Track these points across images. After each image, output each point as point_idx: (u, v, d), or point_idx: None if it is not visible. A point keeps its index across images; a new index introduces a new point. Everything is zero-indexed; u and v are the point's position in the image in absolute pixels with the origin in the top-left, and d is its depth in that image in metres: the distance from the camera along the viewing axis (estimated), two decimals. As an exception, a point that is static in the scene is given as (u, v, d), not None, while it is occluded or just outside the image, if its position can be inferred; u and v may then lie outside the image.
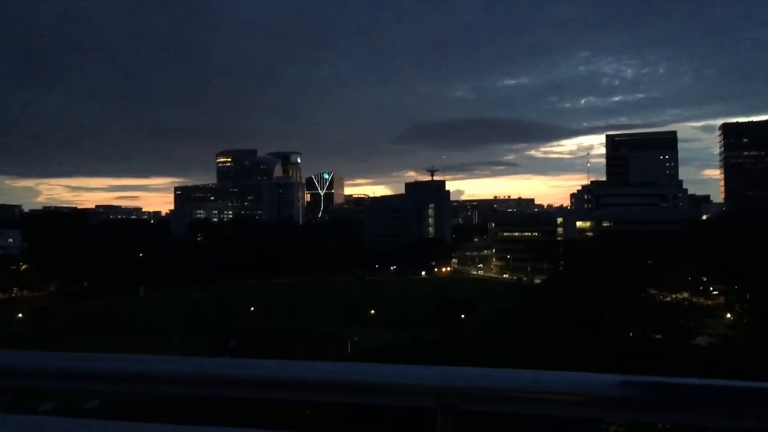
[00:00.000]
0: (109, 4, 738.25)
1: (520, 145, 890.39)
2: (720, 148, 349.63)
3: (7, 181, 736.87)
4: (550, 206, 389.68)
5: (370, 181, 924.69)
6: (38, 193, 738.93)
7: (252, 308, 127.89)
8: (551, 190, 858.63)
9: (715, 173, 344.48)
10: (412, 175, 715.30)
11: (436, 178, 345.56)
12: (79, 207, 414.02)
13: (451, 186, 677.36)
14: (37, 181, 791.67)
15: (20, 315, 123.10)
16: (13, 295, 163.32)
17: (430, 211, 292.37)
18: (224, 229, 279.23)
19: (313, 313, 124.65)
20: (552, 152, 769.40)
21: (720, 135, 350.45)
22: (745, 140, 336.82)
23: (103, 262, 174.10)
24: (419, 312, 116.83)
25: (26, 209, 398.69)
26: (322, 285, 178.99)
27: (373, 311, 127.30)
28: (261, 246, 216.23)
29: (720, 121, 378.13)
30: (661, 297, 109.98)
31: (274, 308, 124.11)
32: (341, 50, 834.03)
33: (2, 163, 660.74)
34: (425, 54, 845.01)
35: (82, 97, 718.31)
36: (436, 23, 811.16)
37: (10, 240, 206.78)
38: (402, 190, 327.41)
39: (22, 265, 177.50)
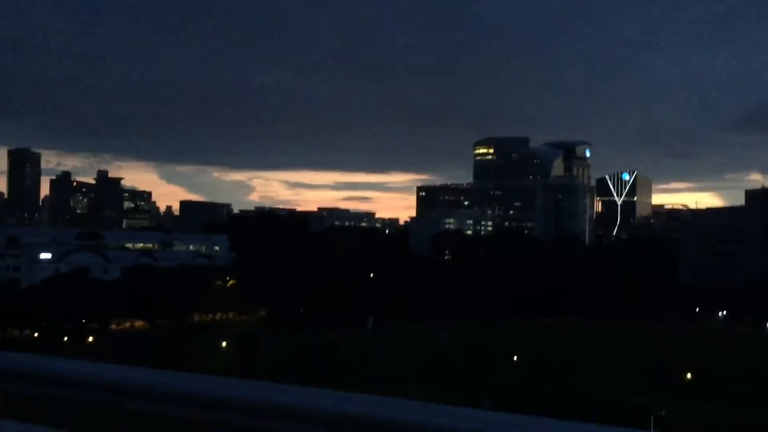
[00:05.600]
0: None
1: None
2: None
3: (216, 174, 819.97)
4: None
5: (690, 185, 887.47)
6: (251, 189, 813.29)
7: (515, 358, 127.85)
8: None
9: None
10: (757, 179, 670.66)
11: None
12: (298, 208, 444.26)
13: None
14: (250, 174, 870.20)
15: (224, 344, 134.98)
16: (217, 318, 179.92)
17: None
18: (480, 246, 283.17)
19: (602, 372, 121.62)
20: None
21: None
22: None
23: (324, 283, 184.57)
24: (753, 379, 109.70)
25: (236, 209, 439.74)
26: (617, 332, 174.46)
27: (690, 375, 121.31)
28: (530, 273, 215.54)
29: None
30: None
31: (548, 360, 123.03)
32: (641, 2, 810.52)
33: (212, 152, 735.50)
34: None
35: (307, 71, 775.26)
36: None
37: (216, 248, 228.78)
38: (739, 200, 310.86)
39: (228, 281, 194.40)
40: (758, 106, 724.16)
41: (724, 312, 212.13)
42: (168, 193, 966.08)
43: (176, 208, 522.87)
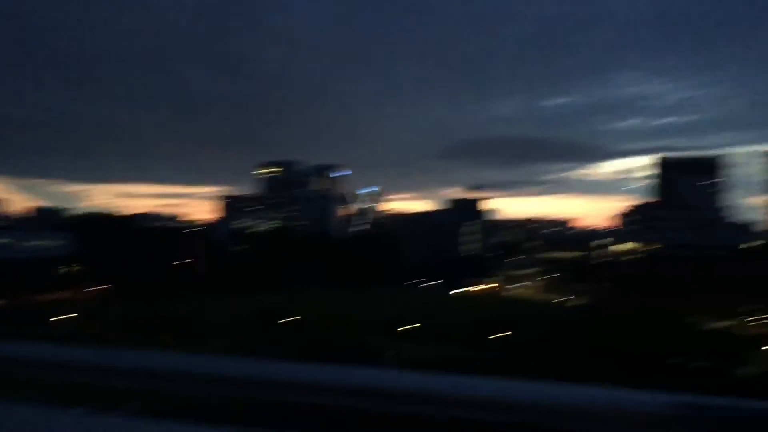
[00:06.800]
0: (163, 16, 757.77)
1: (565, 165, 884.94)
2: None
3: (56, 186, 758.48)
4: (592, 227, 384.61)
5: (413, 195, 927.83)
6: (86, 198, 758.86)
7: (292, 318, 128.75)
8: (593, 211, 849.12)
9: (763, 200, 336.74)
10: (455, 191, 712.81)
11: (478, 195, 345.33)
12: (125, 213, 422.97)
13: (494, 204, 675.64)
14: (85, 186, 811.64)
15: (70, 316, 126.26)
16: (58, 296, 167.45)
17: (472, 228, 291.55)
18: (264, 239, 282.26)
19: (351, 326, 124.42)
20: (595, 173, 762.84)
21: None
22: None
23: (145, 267, 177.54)
24: (459, 328, 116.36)
25: (75, 213, 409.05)
26: (359, 298, 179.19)
27: (414, 326, 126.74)
28: (299, 256, 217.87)
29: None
30: (707, 323, 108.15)
31: (312, 319, 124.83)
32: (389, 66, 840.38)
33: (53, 167, 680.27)
34: (473, 70, 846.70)
35: (132, 105, 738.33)
36: (486, 40, 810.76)
37: (59, 242, 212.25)
38: (445, 206, 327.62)
39: (68, 267, 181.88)
40: (457, 142, 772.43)
41: (435, 282, 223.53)
42: (19, 201, 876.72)
43: (27, 212, 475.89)
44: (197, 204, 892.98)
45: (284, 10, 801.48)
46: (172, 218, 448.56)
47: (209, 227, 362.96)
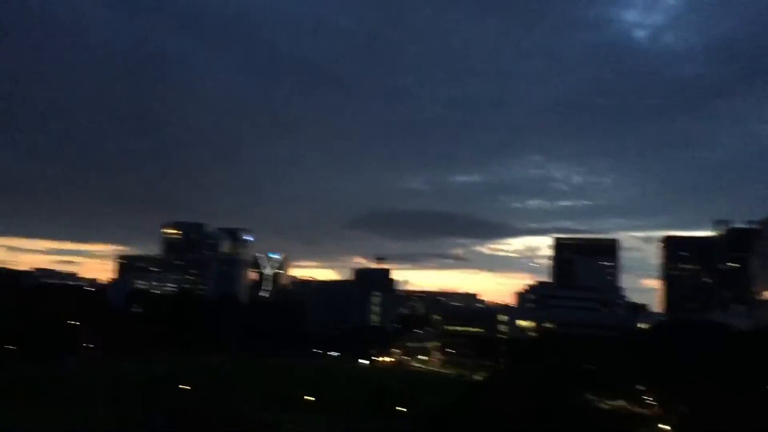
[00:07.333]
0: (70, 69, 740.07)
1: (468, 240, 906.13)
2: (660, 259, 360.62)
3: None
4: (494, 303, 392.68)
5: (318, 263, 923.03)
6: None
7: (184, 386, 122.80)
8: (497, 287, 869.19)
9: (655, 283, 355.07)
10: (361, 262, 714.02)
11: (383, 266, 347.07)
12: (14, 268, 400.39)
13: (398, 275, 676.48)
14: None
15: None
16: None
17: (376, 299, 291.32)
18: (164, 302, 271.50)
19: (249, 395, 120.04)
20: (499, 249, 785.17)
21: (661, 247, 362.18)
22: (685, 253, 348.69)
23: (33, 328, 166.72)
24: (358, 400, 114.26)
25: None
26: (260, 366, 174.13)
27: (310, 397, 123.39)
28: (200, 321, 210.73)
29: (661, 233, 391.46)
30: (599, 402, 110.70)
31: (207, 387, 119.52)
32: (300, 133, 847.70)
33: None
34: (384, 144, 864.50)
35: (26, 157, 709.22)
36: (398, 115, 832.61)
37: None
38: (349, 276, 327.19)
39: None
40: (364, 213, 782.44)
41: (335, 352, 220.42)
42: None
43: None
44: (96, 262, 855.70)
45: (203, 72, 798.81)
46: (71, 276, 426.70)
47: (106, 287, 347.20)
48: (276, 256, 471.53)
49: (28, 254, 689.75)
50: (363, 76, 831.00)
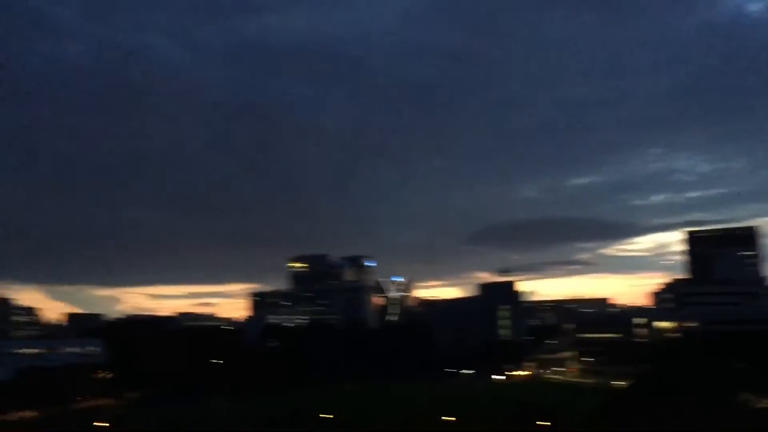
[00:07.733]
0: (189, 116, 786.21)
1: (593, 244, 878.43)
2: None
3: (90, 290, 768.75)
4: (628, 306, 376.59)
5: (441, 282, 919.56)
6: (120, 301, 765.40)
7: (325, 416, 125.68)
8: (628, 289, 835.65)
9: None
10: (484, 277, 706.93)
11: (508, 278, 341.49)
12: (158, 314, 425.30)
13: (524, 286, 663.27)
14: (118, 290, 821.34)
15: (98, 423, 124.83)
16: (92, 404, 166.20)
17: (504, 313, 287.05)
18: (297, 334, 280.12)
19: (389, 419, 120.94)
20: (627, 250, 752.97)
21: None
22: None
23: (178, 370, 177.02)
24: (499, 418, 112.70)
25: (108, 317, 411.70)
26: (395, 389, 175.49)
27: (451, 418, 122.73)
28: (332, 350, 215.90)
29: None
30: (756, 402, 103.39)
31: (349, 414, 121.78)
32: (411, 155, 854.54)
33: (86, 273, 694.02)
34: (494, 155, 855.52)
35: (161, 208, 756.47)
36: (506, 125, 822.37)
37: (92, 348, 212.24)
38: (474, 292, 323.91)
39: (102, 374, 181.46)
40: (482, 227, 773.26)
41: (467, 371, 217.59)
42: (52, 308, 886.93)
43: (60, 319, 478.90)
44: (230, 302, 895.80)
45: (313, 109, 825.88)
46: (210, 317, 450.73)
47: (243, 324, 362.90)
48: (400, 279, 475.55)
49: (169, 300, 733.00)
50: (466, 91, 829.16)
